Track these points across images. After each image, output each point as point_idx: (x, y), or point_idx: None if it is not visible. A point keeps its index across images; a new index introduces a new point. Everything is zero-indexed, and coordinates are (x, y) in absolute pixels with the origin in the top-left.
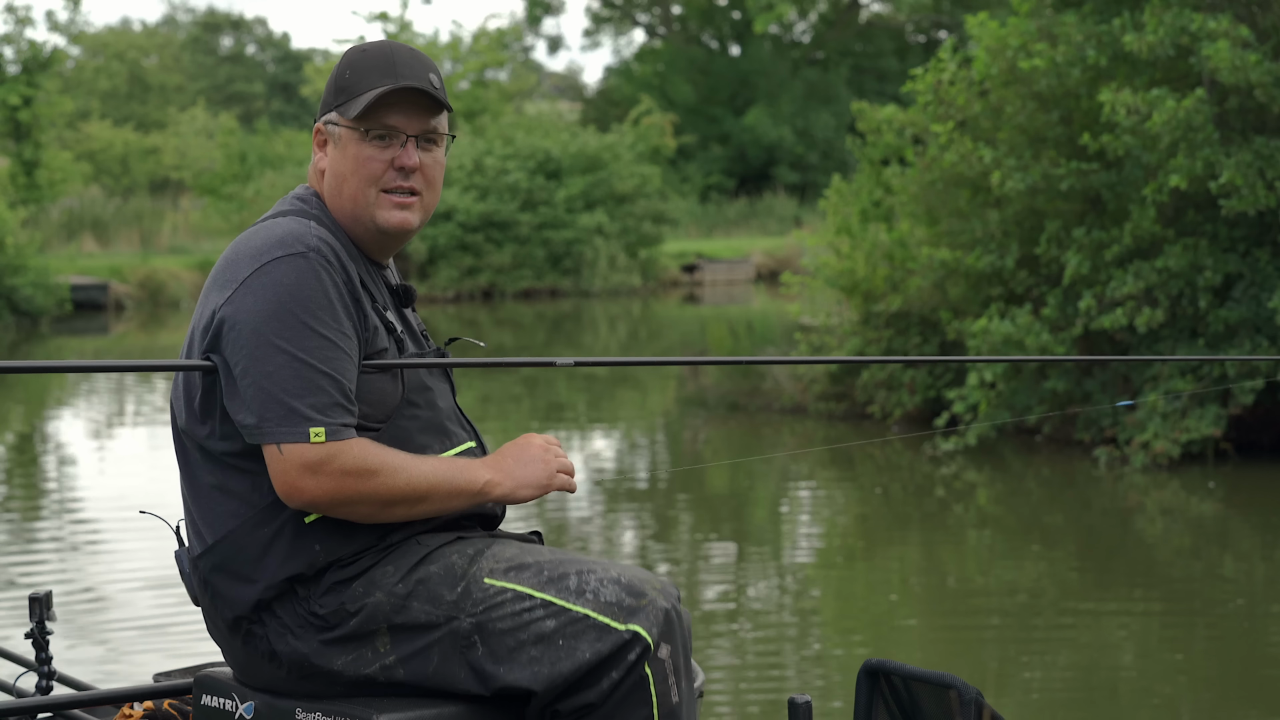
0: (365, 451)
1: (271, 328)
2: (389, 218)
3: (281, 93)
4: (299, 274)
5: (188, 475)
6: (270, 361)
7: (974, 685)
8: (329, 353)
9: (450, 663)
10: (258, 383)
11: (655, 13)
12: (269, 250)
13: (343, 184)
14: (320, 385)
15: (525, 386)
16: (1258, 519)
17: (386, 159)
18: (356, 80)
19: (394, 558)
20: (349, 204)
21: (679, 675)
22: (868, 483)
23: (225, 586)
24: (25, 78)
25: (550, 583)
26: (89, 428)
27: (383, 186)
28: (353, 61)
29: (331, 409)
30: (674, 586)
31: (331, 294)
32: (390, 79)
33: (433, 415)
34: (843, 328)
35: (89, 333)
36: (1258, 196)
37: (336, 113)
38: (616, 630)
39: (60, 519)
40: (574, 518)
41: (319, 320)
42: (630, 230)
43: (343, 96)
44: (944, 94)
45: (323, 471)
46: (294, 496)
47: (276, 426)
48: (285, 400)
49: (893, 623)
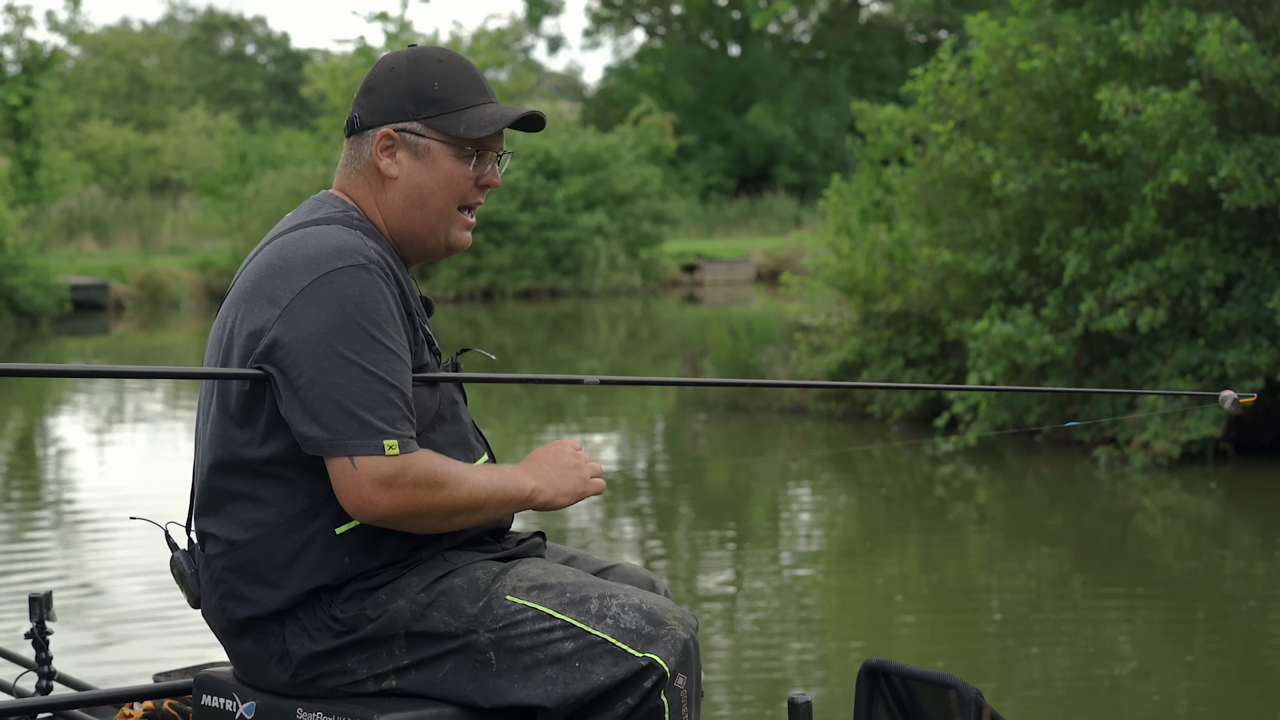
0: (434, 463)
1: (339, 339)
2: (461, 237)
3: (281, 93)
4: (363, 285)
5: (212, 478)
6: (340, 374)
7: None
8: (394, 365)
9: (461, 674)
10: (327, 394)
11: (655, 13)
12: (327, 260)
13: (428, 197)
14: (390, 398)
15: (525, 387)
16: (1258, 519)
17: (474, 176)
18: (451, 95)
19: (420, 570)
20: (432, 218)
21: (691, 706)
22: (868, 482)
23: (243, 587)
24: (25, 78)
25: (571, 605)
26: (89, 427)
27: (463, 203)
28: (438, 73)
29: (401, 421)
30: (693, 617)
31: (392, 305)
32: (486, 96)
33: (458, 429)
34: (843, 328)
35: (89, 333)
36: (1258, 191)
37: (424, 124)
38: (634, 657)
39: (60, 518)
40: (574, 517)
41: (384, 333)
42: (630, 230)
43: (434, 109)
44: (944, 94)
45: (396, 485)
46: (366, 510)
47: (349, 439)
48: (357, 413)
49: (892, 623)
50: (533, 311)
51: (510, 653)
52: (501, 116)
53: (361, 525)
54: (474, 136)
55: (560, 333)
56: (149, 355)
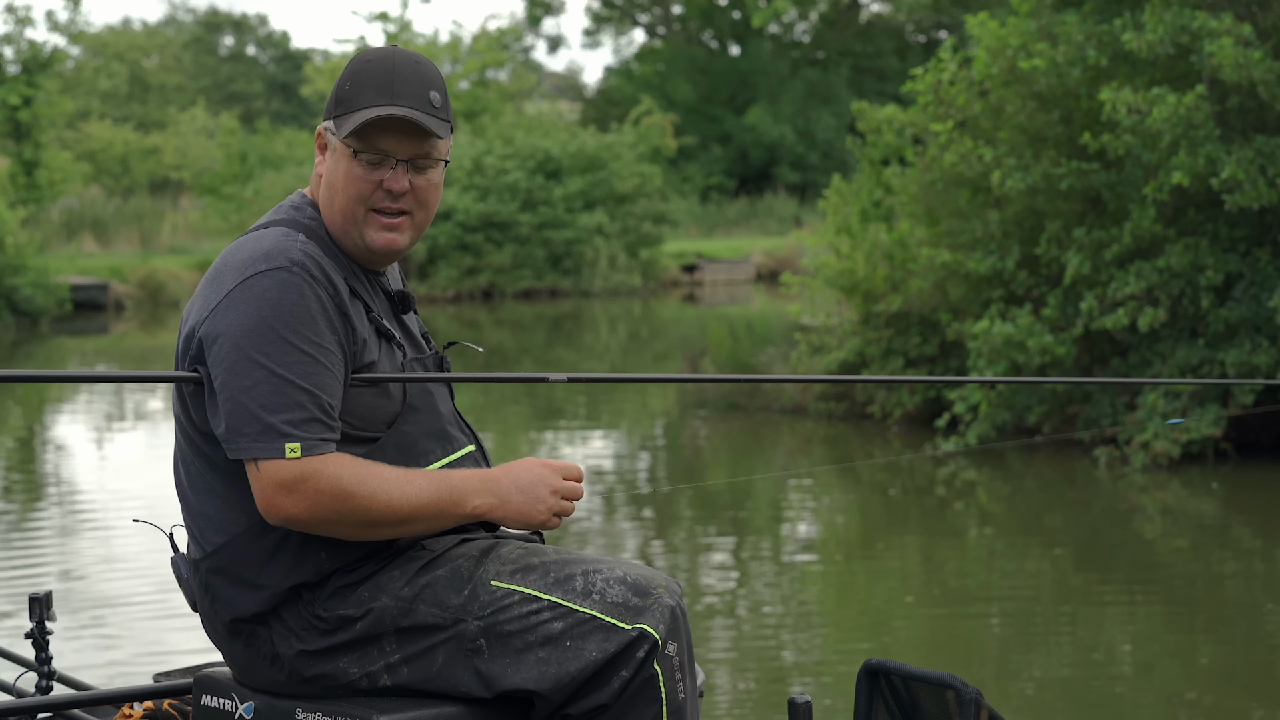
0: (342, 471)
1: (251, 342)
2: (376, 238)
3: (281, 92)
4: (281, 288)
5: (188, 480)
6: (248, 376)
7: (973, 685)
8: (308, 368)
9: (455, 665)
10: (234, 397)
11: (655, 12)
12: (253, 263)
13: (334, 196)
14: (298, 400)
15: (524, 389)
16: (1258, 519)
17: (376, 180)
18: (355, 94)
19: (400, 562)
20: (339, 218)
21: (684, 672)
22: (868, 482)
23: (227, 590)
24: (25, 78)
25: (557, 584)
26: (89, 428)
27: (371, 206)
28: (354, 73)
29: (308, 424)
30: (677, 584)
31: (314, 308)
32: (386, 98)
33: (434, 420)
34: (843, 328)
35: (89, 333)
36: (1260, 192)
37: (333, 122)
38: (624, 630)
39: (60, 519)
40: (574, 517)
41: (299, 335)
42: (630, 230)
43: (341, 109)
44: (944, 94)
45: (298, 491)
46: (272, 513)
47: (252, 442)
48: (261, 415)
49: (892, 622)
50: (533, 311)
51: (501, 638)
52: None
53: None
54: (341, 136)
55: (560, 333)
56: (149, 355)
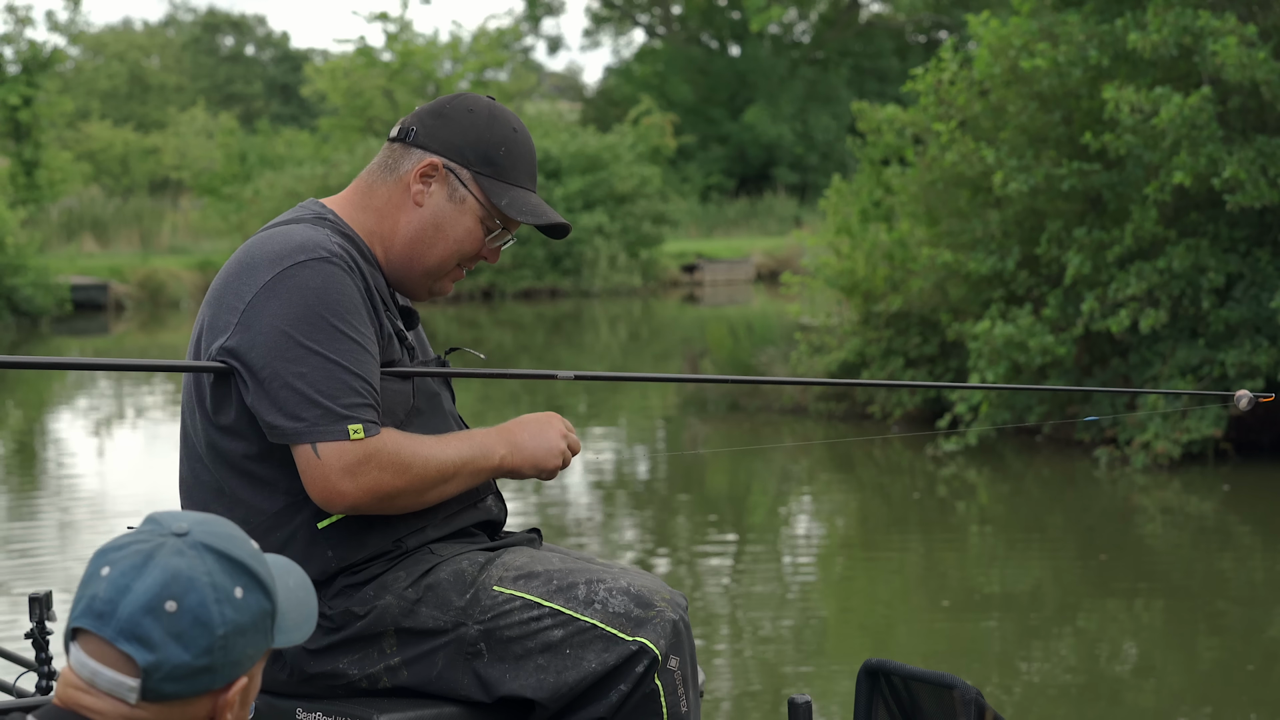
0: (400, 445)
1: (300, 329)
2: (443, 287)
3: (281, 93)
4: (325, 277)
5: (194, 478)
6: (303, 363)
7: (974, 685)
8: (358, 355)
9: (455, 668)
10: (289, 383)
11: (655, 13)
12: (290, 254)
13: (438, 240)
14: (353, 385)
15: (524, 388)
16: (1258, 519)
17: (488, 247)
18: (510, 168)
19: (406, 564)
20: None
21: (687, 686)
22: (868, 483)
23: None
24: (25, 78)
25: (559, 592)
26: (90, 426)
27: (461, 261)
28: (507, 140)
29: (364, 409)
30: (682, 597)
31: (356, 298)
32: (531, 181)
33: (438, 421)
34: (843, 328)
35: (89, 333)
36: (1261, 192)
37: (473, 176)
38: (624, 641)
39: (60, 518)
40: (574, 517)
41: (345, 323)
42: (630, 230)
43: (490, 170)
44: (945, 94)
45: (361, 472)
46: (334, 500)
47: (313, 426)
48: (320, 400)
49: (893, 622)
50: (533, 311)
51: (500, 643)
52: (541, 214)
53: (344, 519)
54: (509, 215)
55: (560, 333)
56: (148, 355)
